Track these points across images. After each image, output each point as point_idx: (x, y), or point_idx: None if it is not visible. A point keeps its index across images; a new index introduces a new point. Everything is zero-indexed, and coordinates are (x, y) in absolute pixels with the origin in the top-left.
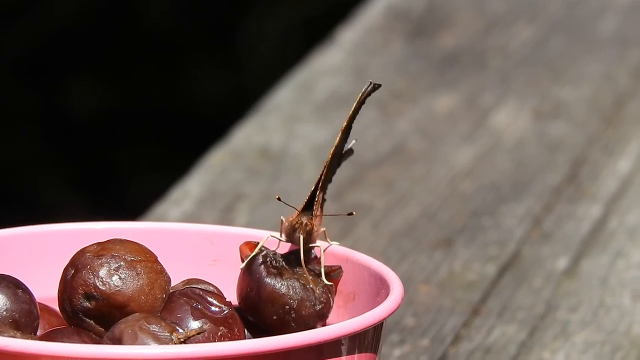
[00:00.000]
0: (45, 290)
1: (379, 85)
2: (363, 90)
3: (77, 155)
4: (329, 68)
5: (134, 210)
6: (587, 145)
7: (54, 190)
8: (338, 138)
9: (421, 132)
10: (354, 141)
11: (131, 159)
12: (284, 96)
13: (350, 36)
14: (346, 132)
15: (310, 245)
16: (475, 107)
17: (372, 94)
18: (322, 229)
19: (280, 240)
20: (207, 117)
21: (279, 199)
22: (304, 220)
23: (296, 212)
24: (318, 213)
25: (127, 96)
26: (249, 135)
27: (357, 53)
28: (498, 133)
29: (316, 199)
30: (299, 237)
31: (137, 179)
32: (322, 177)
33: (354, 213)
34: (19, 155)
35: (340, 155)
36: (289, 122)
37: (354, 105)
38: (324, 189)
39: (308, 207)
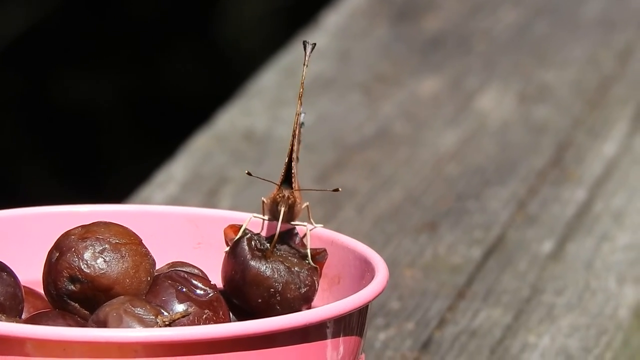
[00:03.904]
0: (30, 273)
1: (314, 44)
2: (306, 54)
3: (59, 144)
4: (314, 52)
5: (118, 195)
6: (572, 128)
7: (37, 178)
8: (298, 106)
9: (406, 116)
10: (304, 114)
11: (114, 147)
12: (269, 80)
13: (334, 20)
14: (302, 99)
15: (293, 223)
16: (460, 90)
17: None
18: (306, 204)
19: (263, 219)
20: (190, 103)
21: (249, 173)
22: (286, 193)
23: (276, 187)
24: (296, 186)
25: (108, 84)
26: (234, 119)
27: (342, 37)
28: (483, 116)
29: (293, 171)
30: (281, 210)
31: (121, 166)
32: (294, 148)
33: (340, 189)
34: (6, 144)
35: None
36: (273, 106)
37: (304, 71)
38: (297, 161)
39: (286, 180)
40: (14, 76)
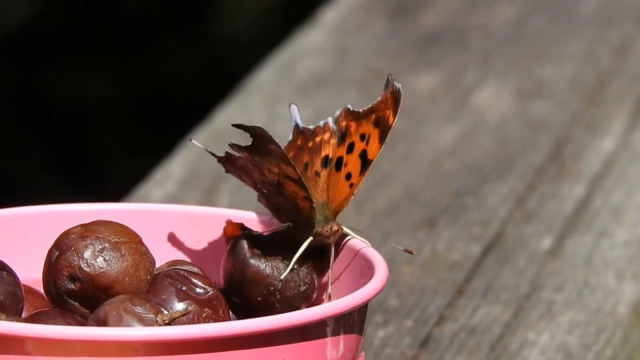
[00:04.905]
0: (30, 272)
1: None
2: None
3: (56, 139)
4: (311, 48)
5: (116, 192)
6: (570, 124)
7: (34, 174)
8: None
9: (403, 112)
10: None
11: (111, 143)
12: (266, 76)
13: (331, 16)
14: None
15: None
16: (457, 86)
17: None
18: None
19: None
20: (187, 99)
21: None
22: (335, 226)
23: (305, 228)
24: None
25: (104, 80)
26: (231, 115)
27: (339, 33)
28: (480, 112)
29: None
30: (332, 247)
31: (118, 162)
32: None
33: (414, 252)
34: (0, 139)
35: None
36: (270, 103)
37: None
38: None
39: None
40: (11, 71)
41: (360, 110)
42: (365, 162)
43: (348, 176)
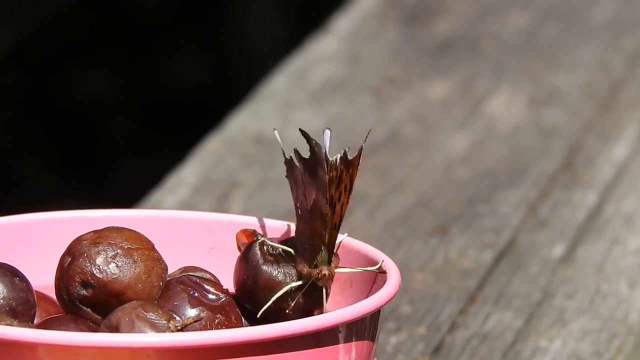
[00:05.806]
0: (42, 278)
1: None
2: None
3: (67, 142)
4: (324, 55)
5: (127, 197)
6: (583, 132)
7: (44, 178)
8: (345, 197)
9: (416, 119)
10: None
11: (119, 145)
12: (279, 83)
13: (345, 23)
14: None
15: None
16: (470, 94)
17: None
18: None
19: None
20: (199, 104)
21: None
22: (326, 271)
23: (302, 263)
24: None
25: (115, 83)
26: (244, 122)
27: (352, 40)
28: (493, 120)
29: (336, 247)
30: (323, 287)
31: (125, 164)
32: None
33: (386, 273)
34: (9, 142)
35: None
36: (283, 109)
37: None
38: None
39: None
40: (19, 75)
41: (349, 158)
42: (340, 218)
43: (336, 225)
